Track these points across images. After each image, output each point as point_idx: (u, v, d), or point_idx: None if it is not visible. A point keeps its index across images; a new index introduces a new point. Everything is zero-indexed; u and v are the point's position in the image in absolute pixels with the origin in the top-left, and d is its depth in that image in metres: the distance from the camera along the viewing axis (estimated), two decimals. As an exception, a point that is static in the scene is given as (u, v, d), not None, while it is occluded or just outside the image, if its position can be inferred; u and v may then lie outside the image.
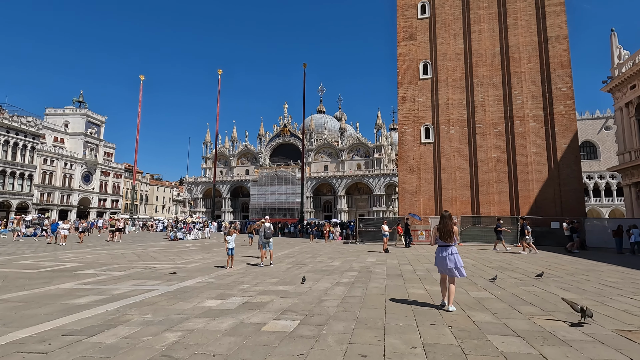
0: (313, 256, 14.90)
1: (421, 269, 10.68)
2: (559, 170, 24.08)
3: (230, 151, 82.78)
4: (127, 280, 8.81)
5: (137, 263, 12.51)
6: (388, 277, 9.18)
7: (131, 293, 7.20)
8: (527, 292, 7.05)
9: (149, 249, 18.35)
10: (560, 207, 23.70)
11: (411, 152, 26.99)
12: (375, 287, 7.69)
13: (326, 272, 10.07)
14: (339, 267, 11.36)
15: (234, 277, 9.21)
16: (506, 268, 10.87)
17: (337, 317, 5.21)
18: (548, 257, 14.49)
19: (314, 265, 11.83)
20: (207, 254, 15.93)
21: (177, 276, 9.43)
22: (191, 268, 11.17)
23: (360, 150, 73.47)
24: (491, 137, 25.61)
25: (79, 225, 22.02)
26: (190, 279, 8.95)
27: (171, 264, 12.17)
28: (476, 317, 5.15)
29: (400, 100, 27.75)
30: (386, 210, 68.27)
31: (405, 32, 28.33)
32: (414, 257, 14.18)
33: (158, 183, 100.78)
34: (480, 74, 26.28)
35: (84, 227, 21.31)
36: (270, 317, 5.24)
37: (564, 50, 24.94)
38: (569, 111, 24.36)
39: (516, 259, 13.38)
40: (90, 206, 69.08)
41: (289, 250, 17.85)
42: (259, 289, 7.60)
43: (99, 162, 70.66)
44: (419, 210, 26.17)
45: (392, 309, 5.63)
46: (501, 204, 24.93)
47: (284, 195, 69.98)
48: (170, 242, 24.05)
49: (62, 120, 67.13)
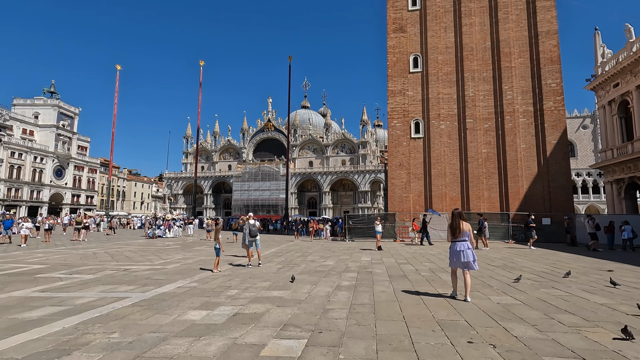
0: (303, 255, 13.96)
1: (424, 269, 9.91)
2: (548, 167, 23.95)
3: (212, 146, 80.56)
4: (95, 286, 7.63)
5: (109, 264, 11.24)
6: (392, 278, 8.34)
7: (98, 302, 6.07)
8: (553, 296, 6.34)
9: (124, 248, 16.95)
10: (549, 203, 23.59)
11: (401, 147, 26.35)
12: (382, 291, 6.82)
13: (322, 274, 9.15)
14: (334, 267, 10.46)
15: (219, 281, 8.16)
16: (512, 267, 10.24)
17: (352, 333, 4.29)
18: (546, 254, 14.06)
19: (307, 265, 10.90)
20: (189, 253, 14.75)
21: (155, 280, 8.30)
22: (170, 270, 10.02)
23: (345, 146, 72.80)
24: (481, 133, 25.25)
25: (45, 222, 20.05)
26: (169, 284, 7.84)
27: (148, 265, 10.97)
28: (515, 330, 4.34)
29: (390, 94, 27.03)
30: (371, 206, 67.97)
31: (395, 24, 27.58)
32: (410, 256, 13.45)
33: (136, 179, 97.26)
34: (471, 68, 25.84)
35: (50, 224, 19.41)
36: (269, 334, 4.28)
37: (554, 46, 24.77)
38: (559, 107, 24.23)
39: (517, 257, 12.84)
40: (62, 202, 65.74)
41: (276, 249, 16.85)
42: (250, 295, 6.61)
43: (72, 156, 67.28)
44: (408, 207, 25.61)
45: (412, 321, 4.76)
46: (491, 200, 24.64)
47: (267, 192, 68.63)
48: (148, 240, 22.58)
49: (31, 111, 63.42)
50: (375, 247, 16.42)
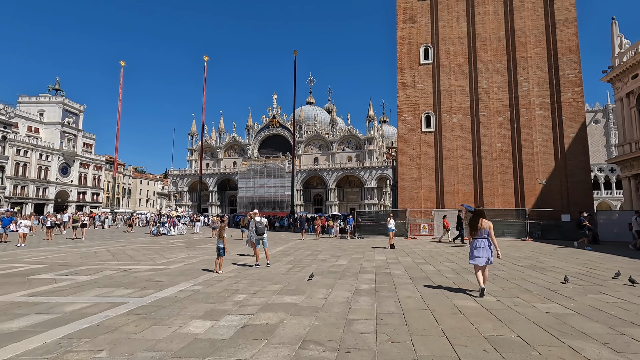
0: (313, 254, 13.24)
1: (446, 270, 9.14)
2: (565, 161, 22.96)
3: (217, 143, 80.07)
4: (91, 289, 6.97)
5: (109, 264, 10.61)
6: (414, 281, 7.58)
7: (90, 309, 5.39)
8: (606, 303, 5.55)
9: (127, 246, 16.37)
10: (566, 199, 22.62)
11: (411, 141, 25.48)
12: (408, 297, 6.07)
13: (336, 275, 8.42)
14: (348, 267, 9.73)
15: (225, 283, 7.46)
16: (542, 267, 9.43)
17: (386, 354, 3.55)
18: (572, 252, 13.19)
19: (318, 265, 10.17)
20: (193, 252, 14.11)
21: (155, 282, 7.62)
22: (173, 270, 9.36)
23: (351, 142, 71.88)
24: (495, 126, 24.30)
25: (47, 221, 19.42)
26: (171, 286, 7.16)
27: (150, 265, 10.32)
28: (586, 350, 3.58)
29: (399, 87, 26.12)
30: (378, 203, 67.10)
31: (405, 13, 26.62)
32: (427, 255, 12.67)
33: (142, 176, 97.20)
34: (484, 59, 24.85)
35: (52, 222, 18.78)
36: (287, 354, 3.55)
37: (572, 35, 23.70)
38: (577, 99, 23.19)
39: (542, 256, 12.00)
40: (68, 200, 65.69)
41: (284, 247, 16.16)
42: (259, 300, 5.90)
43: (78, 154, 67.12)
44: (419, 203, 24.78)
45: (455, 336, 4.01)
46: (506, 196, 23.72)
47: (273, 189, 68.02)
48: (152, 238, 22.02)
49: (36, 108, 63.25)
50: (387, 245, 15.66)
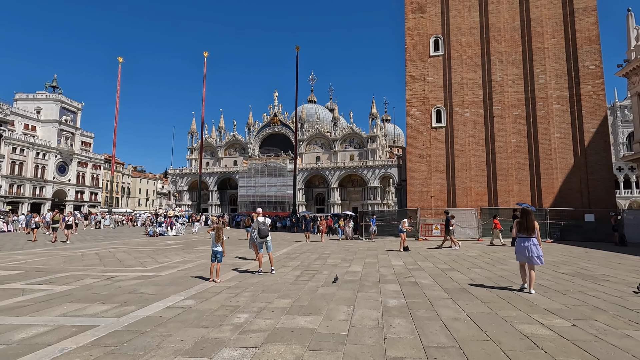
0: (321, 257, 11.98)
1: (480, 278, 7.86)
2: (585, 157, 21.66)
3: (217, 141, 78.85)
4: (60, 304, 5.72)
5: (93, 270, 9.37)
6: (450, 294, 6.31)
7: (45, 338, 4.14)
8: None
9: (119, 248, 15.13)
10: (587, 198, 21.34)
11: (421, 137, 24.21)
12: (455, 318, 4.80)
13: (354, 285, 7.16)
14: (365, 275, 8.47)
15: (223, 297, 6.21)
16: (590, 275, 8.16)
17: None
18: (607, 256, 11.91)
19: (330, 271, 8.91)
20: (190, 255, 12.86)
21: (139, 295, 6.37)
22: (164, 278, 8.11)
23: (354, 140, 70.58)
24: (510, 121, 23.01)
25: (31, 221, 18.10)
26: (158, 301, 5.90)
27: (138, 272, 9.07)
28: None
29: (408, 80, 24.85)
30: (381, 202, 65.82)
31: (414, 3, 25.34)
32: (448, 259, 11.40)
33: (141, 175, 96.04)
34: (498, 50, 23.56)
35: (36, 222, 17.44)
36: None
37: (592, 24, 22.40)
38: (598, 91, 21.89)
39: (579, 260, 10.73)
40: (66, 199, 64.55)
41: (288, 249, 14.91)
42: (265, 324, 4.64)
43: (76, 152, 65.96)
44: (429, 202, 23.50)
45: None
46: (521, 195, 22.43)
47: (274, 188, 66.78)
48: (148, 239, 20.78)
49: (33, 106, 62.09)
50: (399, 247, 14.40)
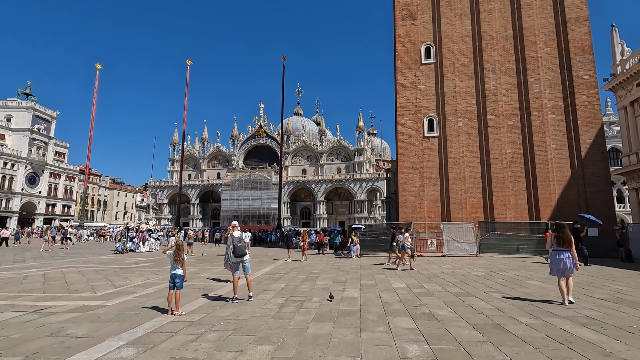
0: (308, 278, 10.32)
1: (507, 307, 6.39)
2: (583, 169, 20.90)
3: (200, 153, 76.56)
4: (-64, 358, 3.92)
5: (25, 298, 7.46)
6: (484, 333, 4.80)
7: None
8: None
9: (75, 268, 13.07)
10: (585, 210, 20.40)
11: (413, 147, 23.08)
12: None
13: (354, 319, 5.55)
14: (365, 303, 6.87)
15: (178, 341, 4.51)
16: (635, 302, 6.81)
17: None
18: (627, 275, 10.70)
19: (321, 298, 7.29)
20: (156, 275, 11.00)
21: (62, 341, 4.59)
22: (109, 310, 6.31)
23: (340, 153, 69.57)
24: (505, 131, 22.18)
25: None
26: (81, 351, 4.16)
27: (82, 300, 7.21)
28: None
29: (399, 87, 23.87)
30: (368, 216, 64.50)
31: (404, 10, 24.63)
32: (454, 278, 9.93)
33: (119, 187, 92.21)
34: (491, 58, 22.91)
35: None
36: None
37: (584, 34, 22.03)
38: (593, 101, 21.34)
39: (607, 281, 9.44)
40: (35, 212, 60.65)
41: (270, 267, 13.19)
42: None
43: (48, 163, 62.45)
44: (422, 215, 22.21)
45: None
46: (518, 208, 21.42)
47: (258, 201, 64.72)
48: (114, 256, 18.63)
49: (3, 113, 58.75)
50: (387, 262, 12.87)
